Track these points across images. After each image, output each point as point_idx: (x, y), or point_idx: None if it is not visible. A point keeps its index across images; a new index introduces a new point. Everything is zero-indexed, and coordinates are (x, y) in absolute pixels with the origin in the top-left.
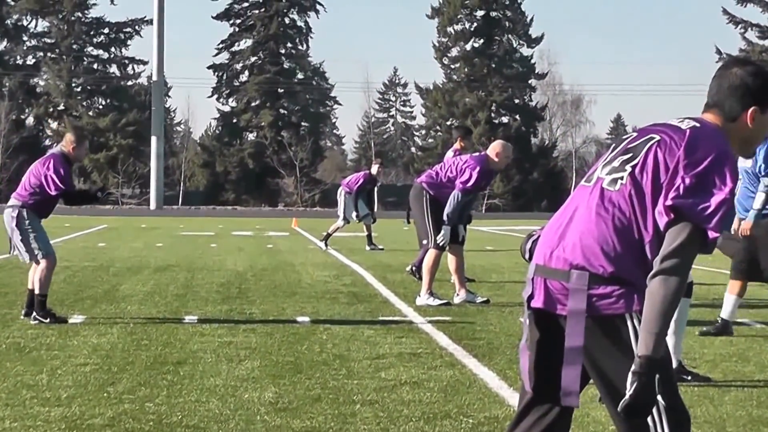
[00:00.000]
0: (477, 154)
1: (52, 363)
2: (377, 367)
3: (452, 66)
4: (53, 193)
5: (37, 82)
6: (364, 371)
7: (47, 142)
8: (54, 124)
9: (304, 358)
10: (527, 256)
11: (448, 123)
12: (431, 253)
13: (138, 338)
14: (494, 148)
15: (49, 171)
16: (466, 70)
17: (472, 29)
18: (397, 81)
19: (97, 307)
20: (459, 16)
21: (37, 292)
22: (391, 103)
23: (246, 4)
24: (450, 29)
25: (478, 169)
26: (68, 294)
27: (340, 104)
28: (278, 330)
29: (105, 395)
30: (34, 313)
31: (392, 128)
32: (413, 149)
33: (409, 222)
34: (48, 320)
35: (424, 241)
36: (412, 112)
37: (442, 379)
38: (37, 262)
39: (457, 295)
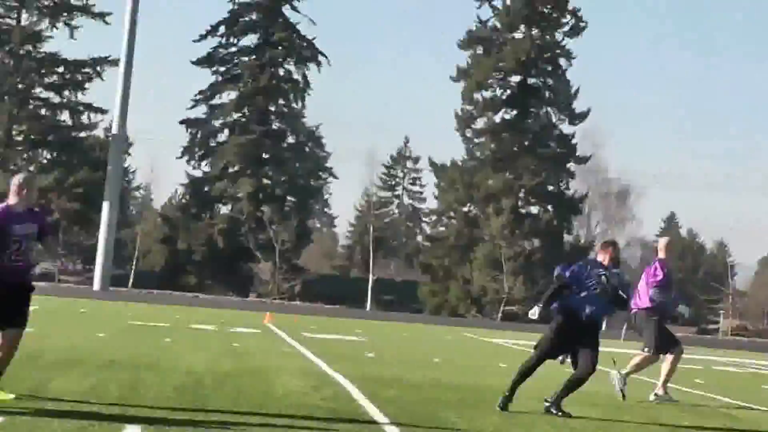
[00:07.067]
0: None
1: None
2: None
3: (476, 140)
4: None
5: None
6: None
7: None
8: None
9: None
10: None
11: (465, 209)
12: None
13: None
14: None
15: None
16: (492, 146)
17: (503, 97)
18: (407, 154)
19: (16, 406)
20: (489, 81)
21: None
22: (398, 180)
23: (234, 49)
24: (477, 96)
25: None
26: None
27: (335, 177)
28: None
29: None
30: None
31: (397, 211)
32: (419, 238)
33: None
34: None
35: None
36: (422, 192)
37: None
38: None
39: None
